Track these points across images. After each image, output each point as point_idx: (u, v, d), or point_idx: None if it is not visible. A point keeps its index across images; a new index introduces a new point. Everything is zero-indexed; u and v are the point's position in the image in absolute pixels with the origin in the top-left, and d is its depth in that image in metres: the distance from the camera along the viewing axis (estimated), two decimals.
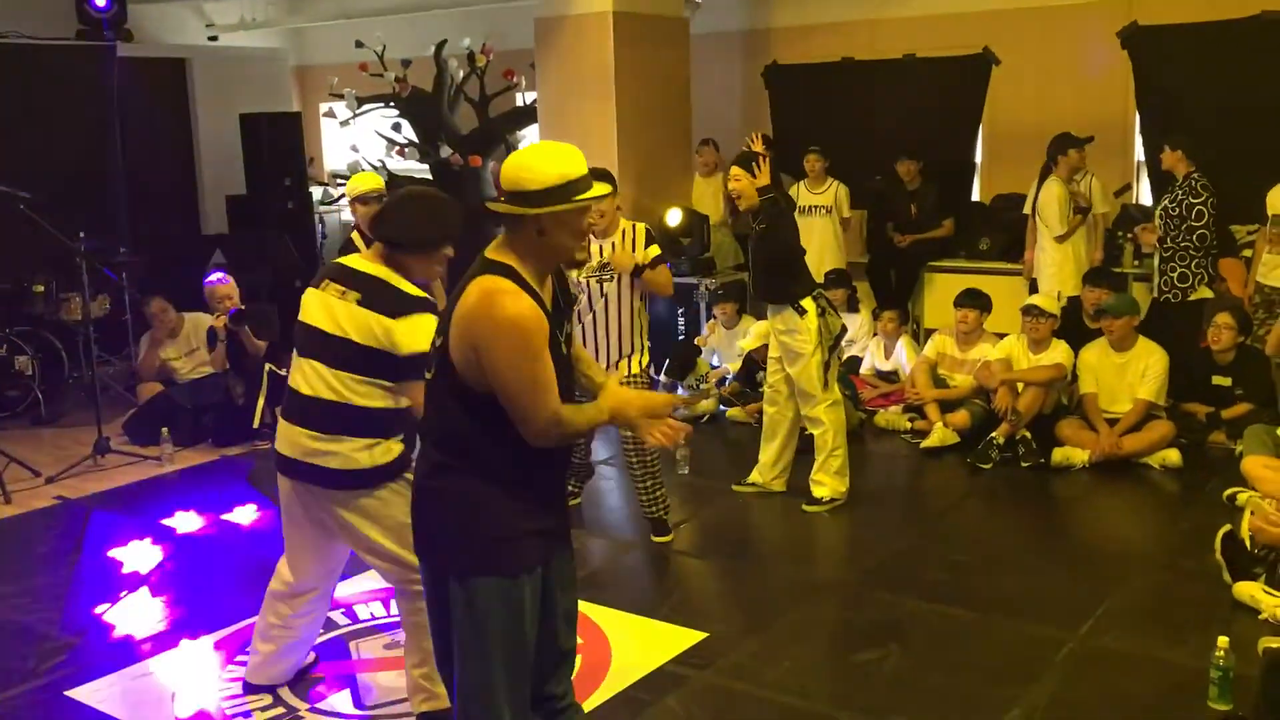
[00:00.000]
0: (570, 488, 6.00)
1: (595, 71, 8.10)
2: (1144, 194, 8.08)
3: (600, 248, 4.83)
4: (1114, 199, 7.69)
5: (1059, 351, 6.14)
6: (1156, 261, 6.76)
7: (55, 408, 7.59)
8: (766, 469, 5.64)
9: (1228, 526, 4.44)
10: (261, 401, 6.83)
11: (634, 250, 4.83)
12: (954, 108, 8.56)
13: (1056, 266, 6.94)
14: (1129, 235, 7.49)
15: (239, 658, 4.08)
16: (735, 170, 5.26)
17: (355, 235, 5.66)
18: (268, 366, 6.99)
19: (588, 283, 4.88)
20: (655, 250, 4.87)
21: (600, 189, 2.53)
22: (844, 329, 5.55)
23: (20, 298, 7.70)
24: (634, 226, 4.89)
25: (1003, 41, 8.29)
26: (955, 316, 6.77)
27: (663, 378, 7.30)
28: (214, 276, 7.26)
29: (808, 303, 5.24)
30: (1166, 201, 6.65)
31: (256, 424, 6.80)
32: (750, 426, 6.87)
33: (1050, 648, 3.95)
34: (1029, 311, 6.25)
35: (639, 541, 5.16)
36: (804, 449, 5.62)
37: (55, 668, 4.04)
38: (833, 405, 5.35)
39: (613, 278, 4.84)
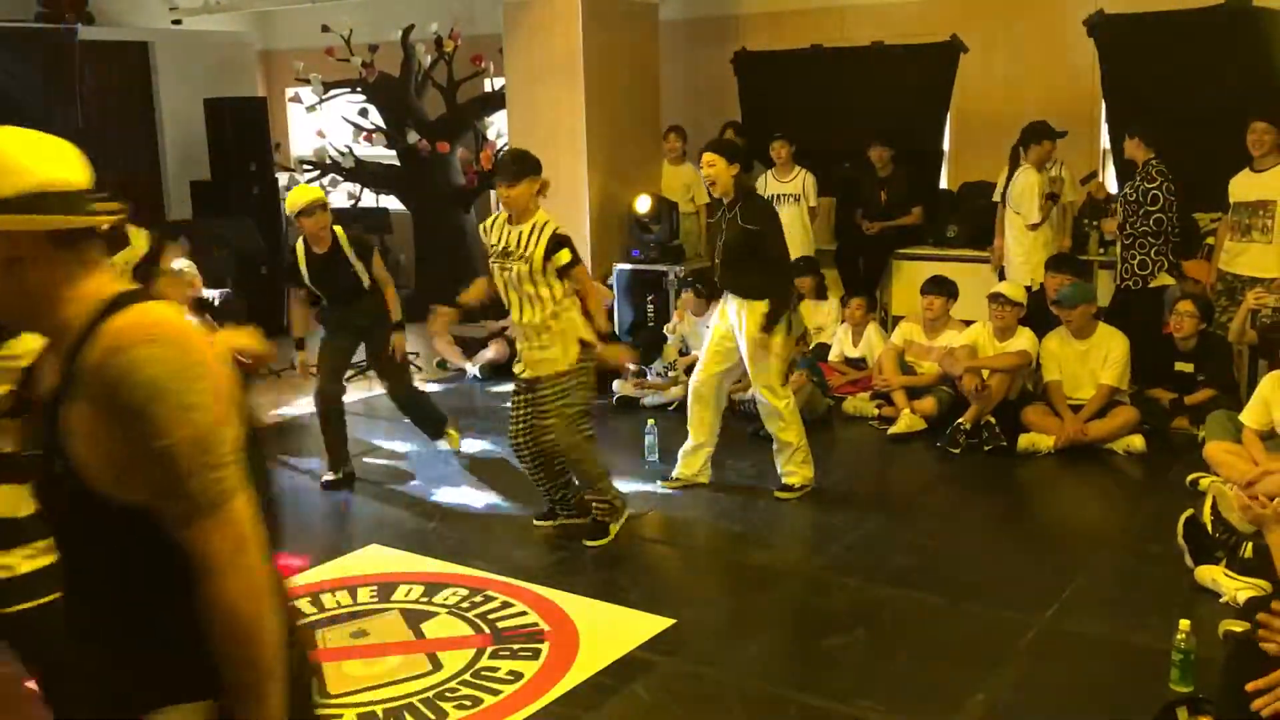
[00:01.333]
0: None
1: (563, 57, 8.05)
2: (1110, 182, 8.14)
3: (507, 232, 4.73)
4: (1080, 187, 7.74)
5: (1024, 339, 6.18)
6: (1119, 249, 6.82)
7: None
8: (696, 464, 5.57)
9: (1190, 511, 4.49)
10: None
11: (534, 248, 4.63)
12: (922, 95, 8.57)
13: (1026, 254, 6.98)
14: (1094, 223, 7.55)
15: None
16: (709, 156, 5.18)
17: (300, 246, 5.62)
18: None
19: (494, 268, 4.80)
20: (564, 257, 4.65)
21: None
22: (805, 331, 5.54)
23: None
24: (544, 226, 4.68)
25: (971, 29, 8.31)
26: (921, 304, 6.80)
27: (631, 365, 7.29)
28: (177, 264, 7.17)
29: (776, 302, 5.18)
30: (1127, 189, 6.71)
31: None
32: None
33: (1016, 631, 3.98)
34: (995, 299, 6.29)
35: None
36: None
37: None
38: (790, 402, 5.35)
39: (515, 268, 4.68)
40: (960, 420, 6.07)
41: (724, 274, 5.31)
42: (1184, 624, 3.50)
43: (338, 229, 5.69)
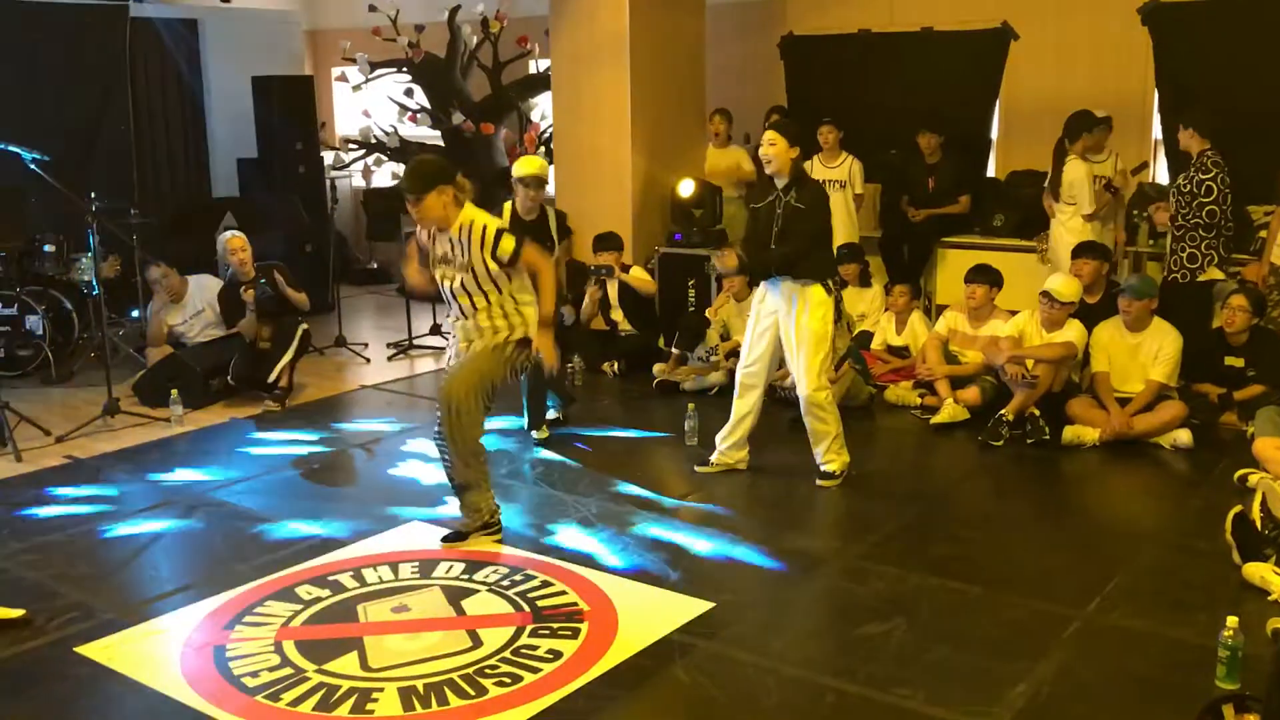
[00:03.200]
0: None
1: (610, 39, 8.03)
2: (1160, 172, 8.02)
3: (438, 241, 4.56)
4: (1131, 177, 7.63)
5: (1072, 330, 6.10)
6: (1169, 241, 6.72)
7: (65, 368, 7.60)
8: (735, 451, 5.57)
9: (1239, 507, 4.43)
10: (287, 358, 6.87)
11: (473, 252, 4.45)
12: (971, 82, 8.49)
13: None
14: (1144, 214, 7.44)
15: (246, 619, 4.10)
16: (770, 134, 5.13)
17: (508, 207, 5.99)
18: (303, 327, 7.00)
19: (440, 281, 4.58)
20: (508, 244, 4.43)
21: None
22: (848, 321, 5.51)
23: (32, 257, 7.71)
24: (472, 225, 4.46)
25: (1022, 16, 8.21)
26: (964, 293, 6.73)
27: (673, 349, 7.28)
28: (227, 233, 7.25)
29: (829, 285, 5.21)
30: (1180, 180, 6.60)
31: (272, 378, 6.84)
32: None
33: (1058, 624, 3.95)
34: (1046, 297, 6.15)
35: (649, 509, 5.16)
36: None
37: (65, 624, 4.06)
38: (829, 393, 5.32)
39: (457, 276, 4.50)
40: (1003, 411, 6.02)
41: (780, 259, 5.19)
42: (1231, 620, 3.46)
43: (547, 206, 5.97)
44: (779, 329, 5.27)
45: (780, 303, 5.23)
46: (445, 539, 4.77)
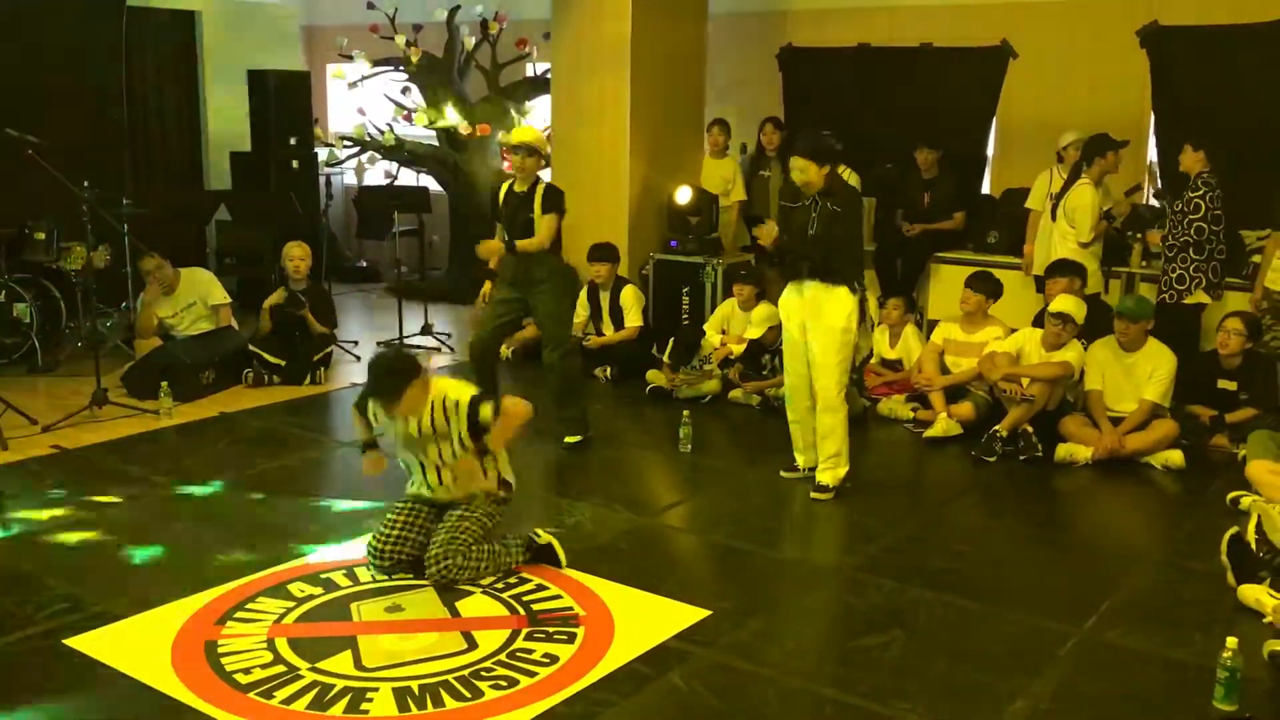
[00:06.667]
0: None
1: (611, 44, 8.02)
2: (1152, 194, 8.06)
3: (404, 422, 4.27)
4: (1125, 198, 7.66)
5: (1071, 350, 6.10)
6: (1162, 261, 6.76)
7: (52, 357, 7.52)
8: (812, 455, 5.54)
9: (1234, 529, 4.44)
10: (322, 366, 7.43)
11: (454, 424, 4.25)
12: (969, 99, 8.51)
13: None
14: (1138, 235, 7.47)
15: (237, 614, 4.05)
16: (798, 161, 5.06)
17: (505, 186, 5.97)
18: (331, 349, 7.56)
19: (408, 460, 4.42)
20: (487, 411, 4.24)
21: None
22: (871, 322, 5.50)
23: (21, 243, 7.62)
24: (444, 398, 4.23)
25: (1021, 34, 8.24)
26: (960, 296, 6.74)
27: (665, 360, 7.26)
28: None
29: (854, 286, 5.21)
30: (1175, 201, 6.64)
31: (307, 381, 7.28)
32: (752, 408, 6.86)
33: (1055, 641, 3.95)
34: (1059, 318, 6.07)
35: (643, 516, 5.14)
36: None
37: (54, 615, 4.00)
38: (843, 395, 5.32)
39: (429, 449, 4.33)
40: (997, 427, 6.02)
41: (813, 259, 5.18)
42: (1231, 642, 3.45)
43: (543, 178, 5.96)
44: (804, 333, 5.27)
45: (805, 304, 5.23)
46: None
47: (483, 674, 3.66)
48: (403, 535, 4.39)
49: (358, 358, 8.08)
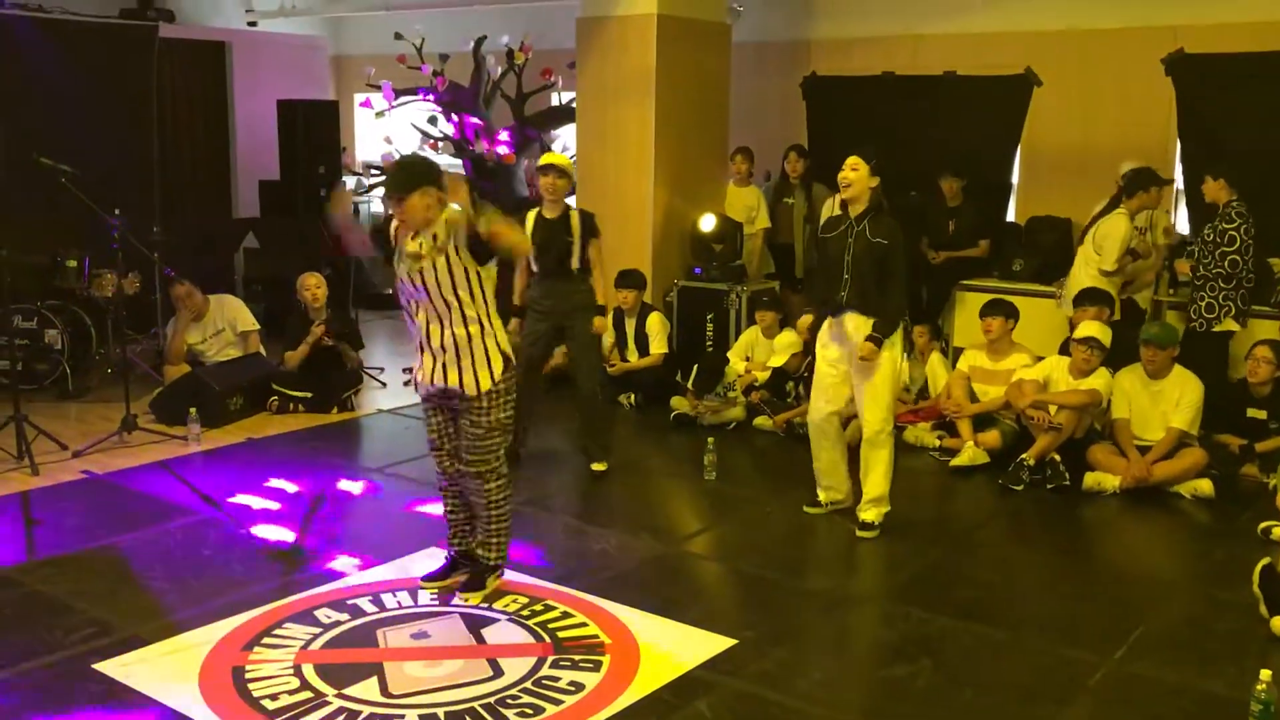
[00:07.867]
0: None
1: (636, 74, 8.08)
2: (1181, 223, 8.04)
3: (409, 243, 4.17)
4: (1165, 238, 7.60)
5: (1099, 378, 6.06)
6: (1191, 290, 6.72)
7: (82, 383, 7.59)
8: (850, 492, 5.51)
9: (1267, 560, 4.40)
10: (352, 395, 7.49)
11: (445, 236, 4.09)
12: (993, 127, 8.52)
13: None
14: (1166, 264, 7.44)
15: (265, 640, 4.07)
16: (854, 160, 5.07)
17: (533, 214, 6.02)
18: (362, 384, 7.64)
19: (407, 278, 4.20)
20: (493, 216, 4.10)
21: None
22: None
23: (52, 271, 7.72)
24: (449, 221, 4.10)
25: (1045, 63, 8.25)
26: (981, 328, 6.72)
27: (690, 387, 7.25)
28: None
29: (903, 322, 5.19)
30: (1206, 230, 6.61)
31: (335, 411, 7.31)
32: (777, 435, 6.85)
33: (1084, 671, 3.91)
34: (1089, 343, 6.05)
35: (668, 544, 5.14)
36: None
37: (83, 640, 4.03)
38: (891, 429, 5.26)
39: (432, 272, 4.12)
40: (1024, 456, 5.99)
41: (850, 290, 5.13)
42: (1265, 674, 3.42)
43: (572, 204, 6.00)
44: (846, 367, 5.19)
45: (848, 338, 5.15)
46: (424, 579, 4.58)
47: (509, 701, 3.66)
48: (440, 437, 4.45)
49: (383, 384, 8.12)
